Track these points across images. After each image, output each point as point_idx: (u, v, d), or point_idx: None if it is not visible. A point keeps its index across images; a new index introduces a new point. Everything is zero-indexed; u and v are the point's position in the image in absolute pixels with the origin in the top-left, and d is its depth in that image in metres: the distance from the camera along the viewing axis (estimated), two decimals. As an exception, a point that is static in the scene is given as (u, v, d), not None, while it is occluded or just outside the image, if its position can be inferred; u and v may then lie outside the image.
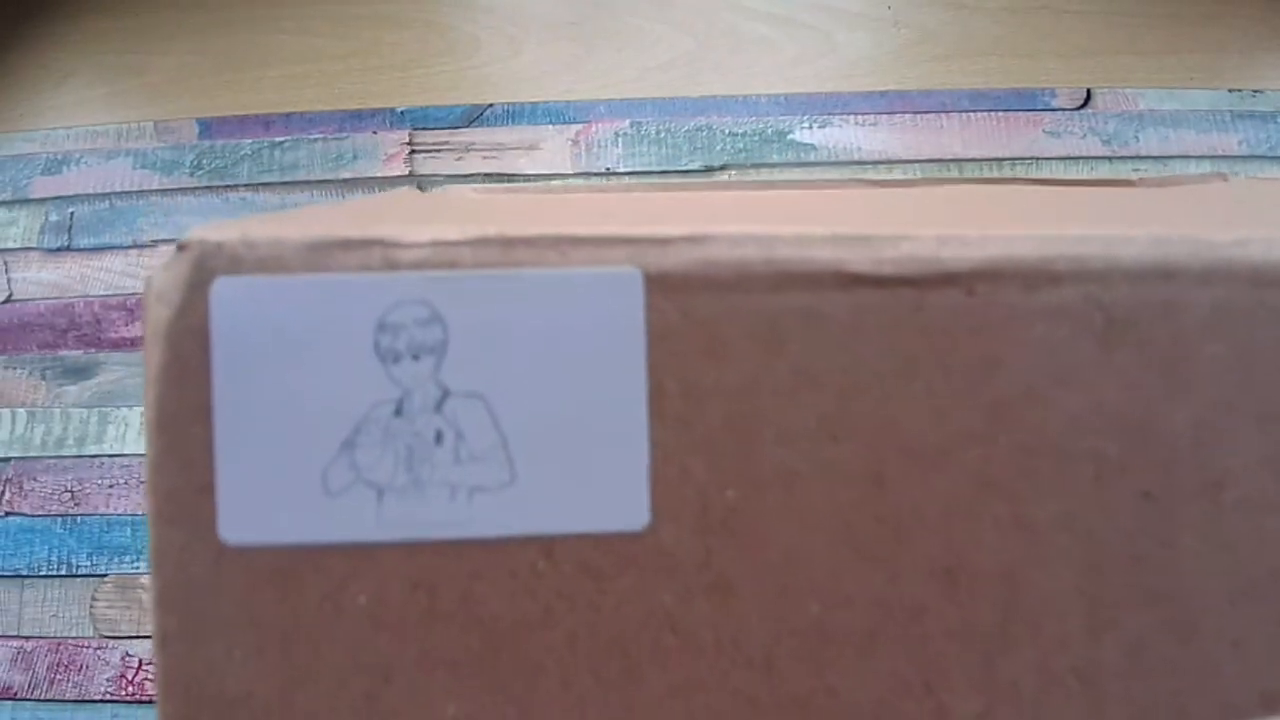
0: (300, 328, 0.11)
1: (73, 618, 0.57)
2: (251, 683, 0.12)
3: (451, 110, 0.66)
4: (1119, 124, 0.57)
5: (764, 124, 0.62)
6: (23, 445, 0.60)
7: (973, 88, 0.61)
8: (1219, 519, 0.12)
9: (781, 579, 0.12)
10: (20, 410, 0.61)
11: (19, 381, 0.62)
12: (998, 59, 0.61)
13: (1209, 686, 0.13)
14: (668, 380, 0.12)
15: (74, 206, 0.64)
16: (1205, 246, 0.12)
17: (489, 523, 0.12)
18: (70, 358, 0.61)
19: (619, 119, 0.65)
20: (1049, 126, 0.58)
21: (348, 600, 0.12)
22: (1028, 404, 0.12)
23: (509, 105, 0.66)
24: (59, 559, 0.58)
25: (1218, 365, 0.12)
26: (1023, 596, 0.12)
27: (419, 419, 0.12)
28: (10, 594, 0.58)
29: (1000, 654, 0.12)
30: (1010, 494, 0.12)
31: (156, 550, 0.12)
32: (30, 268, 0.63)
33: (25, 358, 0.62)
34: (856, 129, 0.61)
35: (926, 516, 0.12)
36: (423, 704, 0.12)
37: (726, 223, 0.12)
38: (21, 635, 0.58)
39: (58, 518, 0.59)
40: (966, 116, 0.60)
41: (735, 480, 0.12)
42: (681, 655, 0.12)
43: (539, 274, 0.12)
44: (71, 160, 0.65)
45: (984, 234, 0.12)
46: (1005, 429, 0.12)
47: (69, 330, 0.62)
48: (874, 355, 0.12)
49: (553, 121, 0.66)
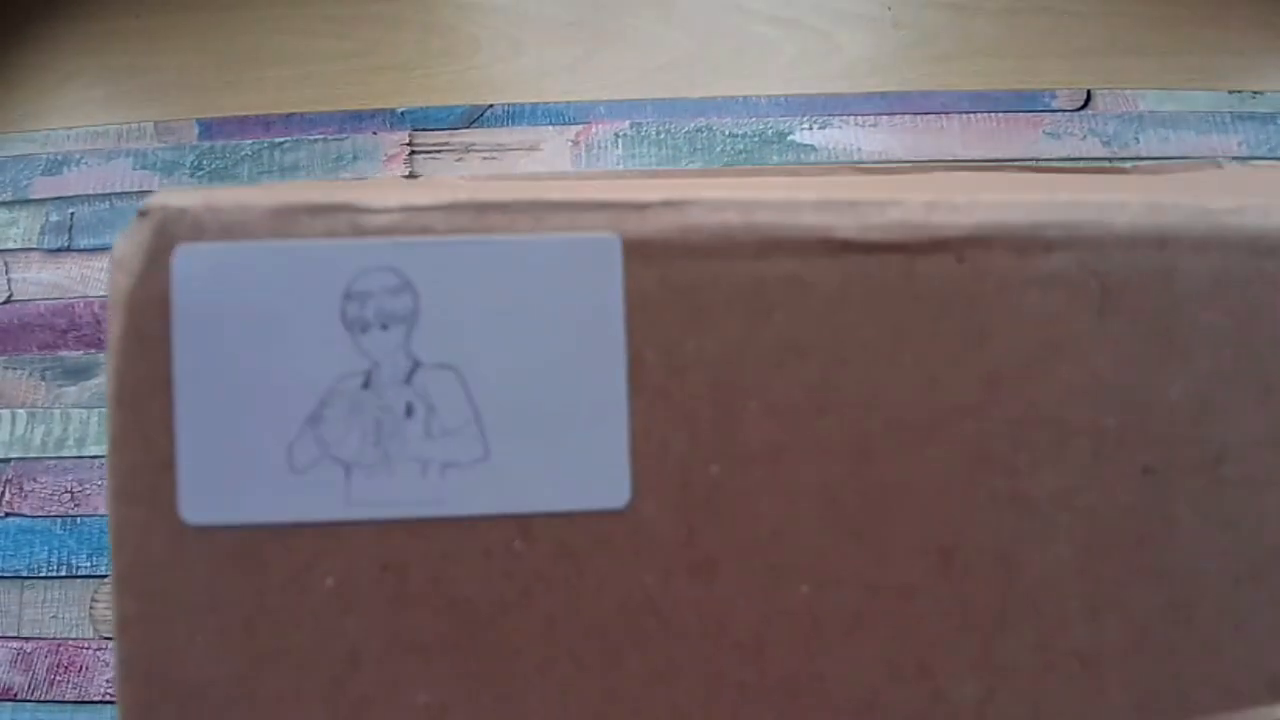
0: (265, 296, 0.11)
1: (73, 619, 0.57)
2: (214, 668, 0.11)
3: (452, 111, 0.66)
4: (1119, 125, 0.57)
5: (764, 125, 0.62)
6: (23, 446, 0.60)
7: (973, 89, 0.60)
8: (1220, 495, 0.12)
9: (768, 558, 0.12)
10: (20, 411, 0.61)
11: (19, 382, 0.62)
12: (998, 60, 0.61)
13: (1211, 670, 0.12)
14: (648, 350, 0.11)
15: (74, 207, 0.64)
16: (1201, 213, 0.12)
17: (462, 500, 0.11)
18: (70, 358, 0.61)
19: (619, 120, 0.65)
20: (1049, 127, 0.58)
21: (314, 582, 0.11)
22: (1022, 375, 0.12)
23: (509, 106, 0.66)
24: (59, 560, 0.57)
25: (1216, 335, 0.12)
26: (1021, 576, 0.12)
27: (388, 391, 0.11)
28: (10, 595, 0.58)
29: (998, 636, 0.12)
30: (1006, 469, 0.12)
31: (116, 530, 0.11)
32: (30, 268, 0.63)
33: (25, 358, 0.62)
34: (857, 130, 0.60)
35: (919, 492, 0.12)
36: (393, 691, 0.11)
37: (708, 190, 0.12)
38: (21, 636, 0.58)
39: (58, 519, 0.58)
40: (967, 118, 0.59)
41: (719, 455, 0.11)
42: (664, 638, 0.12)
43: (513, 240, 0.11)
44: (72, 161, 0.65)
45: (974, 200, 0.12)
46: (999, 401, 0.12)
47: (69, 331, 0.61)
48: (862, 324, 0.11)
49: (553, 122, 0.66)
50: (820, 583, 0.12)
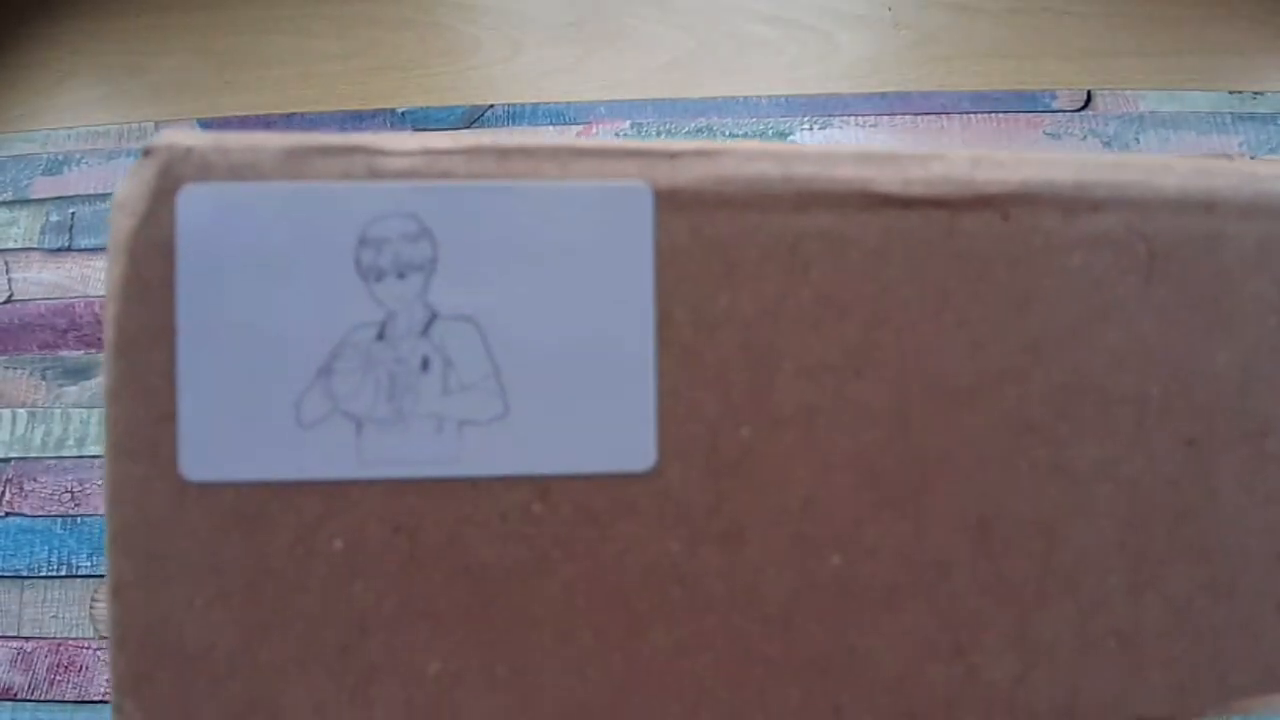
0: (274, 241, 0.10)
1: (73, 618, 0.56)
2: (214, 635, 0.11)
3: (452, 111, 0.66)
4: (1120, 125, 0.57)
5: (765, 125, 0.61)
6: (23, 446, 0.59)
7: (973, 89, 0.60)
8: (1263, 470, 0.12)
9: (799, 527, 0.11)
10: (21, 411, 0.60)
11: (19, 382, 0.61)
12: (998, 60, 0.60)
13: (1251, 650, 0.12)
14: (677, 307, 0.11)
15: (75, 207, 0.63)
16: (1249, 179, 0.12)
17: (479, 460, 0.11)
18: (71, 358, 0.60)
19: (619, 120, 0.64)
20: (1049, 128, 0.58)
21: (322, 544, 0.11)
22: (1066, 340, 0.11)
23: (509, 106, 0.65)
24: (59, 560, 0.57)
25: (1261, 304, 0.11)
26: (1061, 550, 0.11)
27: (403, 344, 0.11)
28: (10, 594, 0.57)
29: (1036, 612, 0.11)
30: (1048, 437, 0.11)
31: (113, 487, 0.11)
32: (31, 268, 0.62)
33: (26, 358, 0.61)
34: (857, 130, 0.60)
35: (958, 460, 0.11)
36: (403, 660, 0.11)
37: (742, 142, 0.11)
38: (21, 636, 0.57)
39: (58, 518, 0.57)
40: (967, 118, 0.59)
41: (750, 417, 0.11)
42: (689, 609, 0.11)
43: (537, 186, 0.11)
44: (72, 160, 0.64)
45: (1019, 157, 0.11)
46: (1043, 366, 0.11)
47: (69, 330, 0.61)
48: (902, 283, 0.11)
49: (553, 122, 0.66)
50: (853, 554, 0.11)
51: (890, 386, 0.11)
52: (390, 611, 0.11)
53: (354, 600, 0.11)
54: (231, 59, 0.67)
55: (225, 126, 0.66)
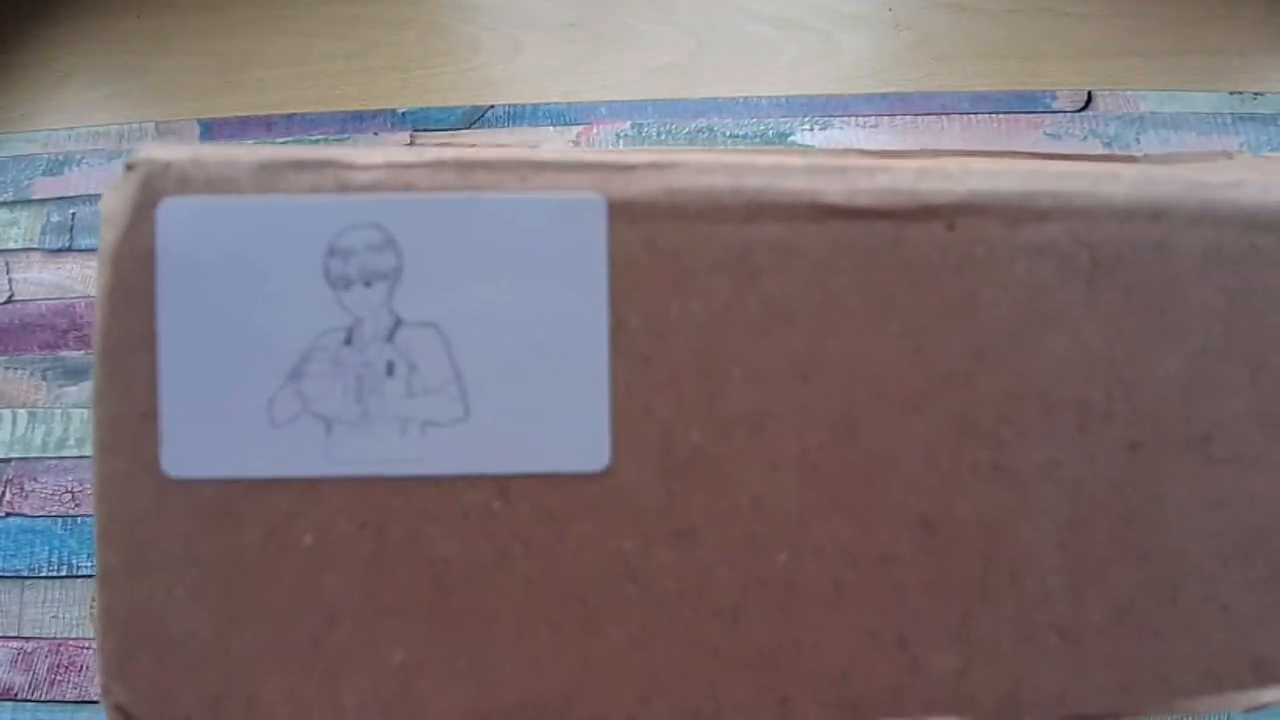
0: (248, 251, 0.11)
1: (73, 619, 0.56)
2: (193, 622, 0.11)
3: (452, 111, 0.66)
4: (1120, 126, 0.57)
5: (765, 125, 0.62)
6: (23, 446, 0.60)
7: (973, 90, 0.60)
8: (1208, 474, 0.12)
9: (748, 526, 0.11)
10: (21, 411, 0.61)
11: (20, 382, 0.62)
12: (999, 61, 0.61)
13: (1195, 651, 0.12)
14: (631, 313, 0.11)
15: (75, 207, 0.64)
16: (1197, 186, 0.12)
17: (441, 460, 0.11)
18: (71, 358, 0.61)
19: (620, 120, 0.65)
20: (1050, 128, 0.58)
21: (293, 539, 0.11)
22: (1010, 346, 0.12)
23: (510, 106, 0.66)
24: (60, 560, 0.57)
25: (1208, 311, 0.12)
26: (1003, 549, 0.12)
27: (370, 348, 0.11)
28: (10, 594, 0.58)
29: (979, 608, 0.12)
30: (991, 440, 0.12)
31: (100, 482, 0.11)
32: (31, 268, 0.63)
33: (26, 358, 0.62)
34: (858, 130, 0.60)
35: (902, 462, 0.12)
36: (369, 649, 0.11)
37: (696, 154, 0.12)
38: (22, 636, 0.57)
39: (58, 518, 0.58)
40: (967, 119, 0.59)
41: (700, 421, 0.11)
42: (642, 605, 0.11)
43: (497, 199, 0.11)
44: (73, 161, 0.65)
45: (966, 167, 0.12)
46: (986, 371, 0.12)
47: (70, 331, 0.61)
48: (849, 291, 0.11)
49: (554, 123, 0.66)
50: (800, 552, 0.12)
51: (837, 391, 0.11)
52: (358, 604, 0.11)
53: (323, 593, 0.11)
54: (232, 59, 0.68)
55: (226, 127, 0.66)
